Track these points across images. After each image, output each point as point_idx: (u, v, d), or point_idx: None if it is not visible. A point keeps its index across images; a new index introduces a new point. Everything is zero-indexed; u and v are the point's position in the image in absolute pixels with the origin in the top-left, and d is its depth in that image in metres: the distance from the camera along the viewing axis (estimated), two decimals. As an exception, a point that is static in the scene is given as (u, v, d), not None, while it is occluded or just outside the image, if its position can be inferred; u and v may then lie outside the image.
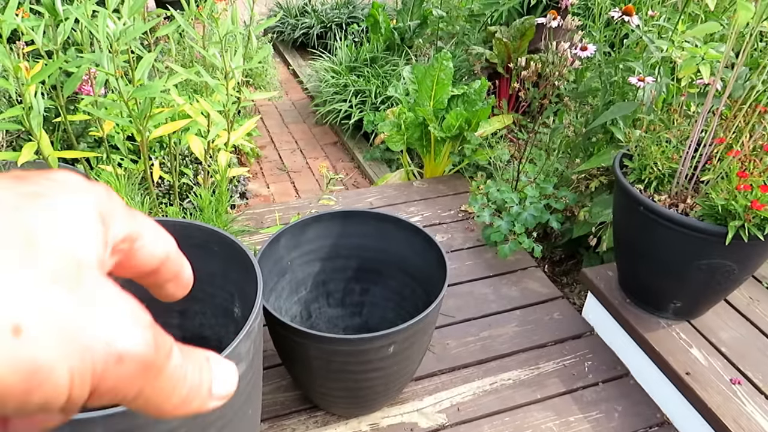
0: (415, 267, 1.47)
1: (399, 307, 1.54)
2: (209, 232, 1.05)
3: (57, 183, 0.20)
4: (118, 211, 0.22)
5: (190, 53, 2.62)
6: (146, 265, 0.24)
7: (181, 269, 0.26)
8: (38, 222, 0.18)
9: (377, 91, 3.03)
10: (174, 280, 0.26)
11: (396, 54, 3.36)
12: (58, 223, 0.19)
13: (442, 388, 1.52)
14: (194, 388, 0.22)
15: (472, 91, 2.40)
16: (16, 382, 0.16)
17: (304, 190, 2.71)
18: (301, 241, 1.47)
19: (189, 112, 1.47)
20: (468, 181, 2.40)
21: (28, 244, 0.18)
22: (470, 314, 1.75)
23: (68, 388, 0.17)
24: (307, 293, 1.54)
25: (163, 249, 0.24)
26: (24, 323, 0.16)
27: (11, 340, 0.16)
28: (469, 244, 2.04)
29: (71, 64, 1.25)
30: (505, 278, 1.89)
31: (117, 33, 1.13)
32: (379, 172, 2.78)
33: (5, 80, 1.24)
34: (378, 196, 2.29)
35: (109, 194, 0.22)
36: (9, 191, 0.19)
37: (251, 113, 3.20)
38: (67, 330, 0.17)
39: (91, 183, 0.21)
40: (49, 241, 0.18)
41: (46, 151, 1.32)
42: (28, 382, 0.16)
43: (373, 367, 1.22)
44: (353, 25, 3.92)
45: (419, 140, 2.47)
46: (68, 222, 0.19)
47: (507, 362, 1.61)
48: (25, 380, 0.16)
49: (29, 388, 0.17)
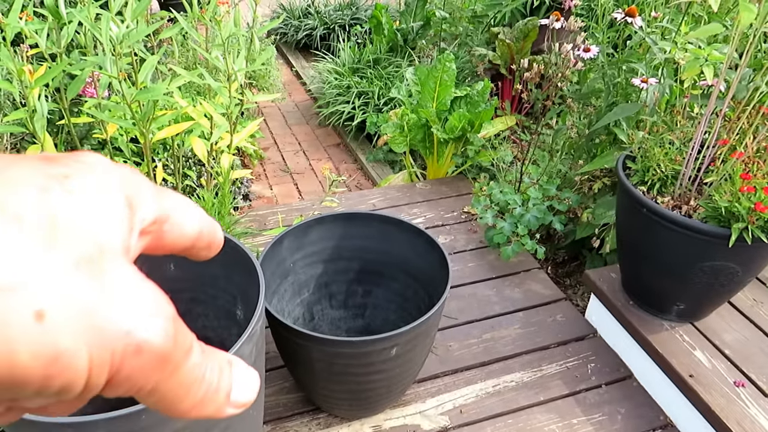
0: (418, 269, 1.47)
1: (401, 309, 1.54)
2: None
3: (85, 165, 0.20)
4: (146, 193, 0.21)
5: (194, 55, 2.62)
6: (178, 243, 0.23)
7: (213, 239, 0.25)
8: (64, 205, 0.18)
9: (380, 93, 3.03)
10: (207, 249, 0.25)
11: (399, 55, 3.36)
12: (84, 206, 0.18)
13: (444, 390, 1.52)
14: (211, 391, 0.21)
15: (475, 92, 2.40)
16: (37, 367, 0.16)
17: (307, 192, 2.71)
18: (304, 243, 1.47)
19: (192, 115, 1.47)
20: (471, 183, 2.40)
21: (53, 227, 0.17)
22: (473, 316, 1.75)
23: (86, 376, 0.17)
24: (309, 295, 1.54)
25: (195, 226, 0.24)
26: (46, 309, 0.16)
27: (34, 325, 0.16)
28: (471, 245, 2.04)
29: (75, 67, 1.26)
30: (507, 280, 1.89)
31: (120, 36, 1.13)
32: (382, 173, 2.79)
33: (9, 83, 1.24)
34: (381, 197, 2.29)
35: (135, 176, 0.21)
36: (37, 172, 0.18)
37: (254, 115, 3.20)
38: (88, 317, 0.17)
39: (118, 165, 0.21)
40: (74, 224, 0.18)
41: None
42: (48, 367, 0.16)
43: (376, 369, 1.22)
44: (356, 27, 3.92)
45: (422, 142, 2.47)
46: (94, 206, 0.19)
47: (510, 364, 1.60)
48: (46, 366, 0.16)
49: (50, 374, 0.17)
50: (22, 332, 0.16)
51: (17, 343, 0.16)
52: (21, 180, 0.18)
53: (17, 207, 0.17)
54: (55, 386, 0.17)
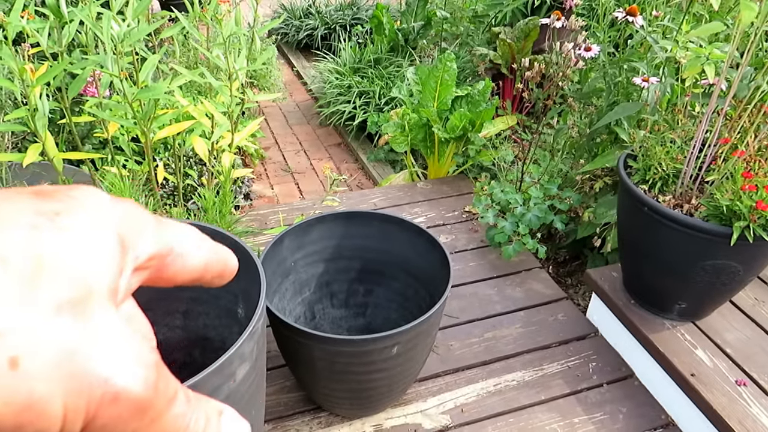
0: (419, 268, 1.47)
1: (402, 308, 1.54)
2: (213, 232, 1.06)
3: (77, 201, 0.19)
4: (144, 229, 0.21)
5: (194, 55, 2.62)
6: (183, 275, 0.23)
7: (225, 267, 0.25)
8: (52, 244, 0.17)
9: (381, 93, 3.03)
10: (219, 278, 0.25)
11: (400, 55, 3.36)
12: (72, 245, 0.18)
13: (446, 390, 1.52)
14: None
15: (476, 92, 2.40)
16: (10, 415, 0.16)
17: (308, 191, 2.71)
18: (305, 242, 1.47)
19: (193, 114, 1.47)
20: (472, 182, 2.40)
21: (38, 268, 0.17)
22: (474, 315, 1.75)
23: (61, 423, 0.17)
24: (311, 294, 1.54)
25: (201, 258, 0.23)
26: (21, 355, 0.16)
27: (7, 373, 0.16)
28: (473, 245, 2.04)
29: (76, 66, 1.26)
30: (509, 279, 1.89)
31: (121, 35, 1.14)
32: (383, 173, 2.78)
33: (11, 82, 1.24)
34: (382, 197, 2.29)
35: (134, 211, 0.21)
36: (28, 208, 0.18)
37: (255, 114, 3.21)
38: (66, 362, 0.17)
39: (115, 201, 0.20)
40: (60, 265, 0.17)
41: (51, 153, 1.33)
42: (21, 415, 0.16)
43: (377, 368, 1.22)
44: (357, 27, 3.93)
45: (423, 141, 2.47)
46: (83, 245, 0.18)
47: (511, 363, 1.60)
48: (19, 413, 0.16)
49: (22, 422, 0.16)
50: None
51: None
52: (10, 218, 0.17)
53: (4, 248, 0.17)
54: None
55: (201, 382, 0.77)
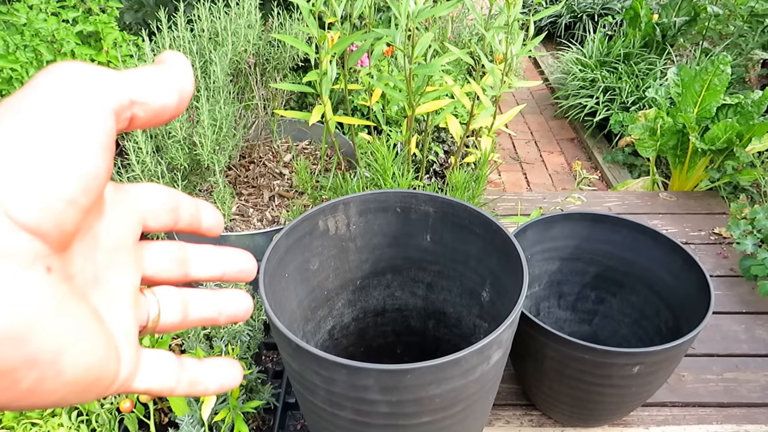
0: (666, 287, 1.35)
1: (636, 325, 1.43)
2: (474, 213, 1.07)
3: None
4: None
5: (458, 36, 2.67)
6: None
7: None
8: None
9: (629, 90, 2.83)
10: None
11: (654, 52, 3.10)
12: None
13: (672, 422, 1.39)
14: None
15: (749, 101, 2.13)
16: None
17: (535, 183, 2.65)
18: (545, 237, 1.43)
19: (455, 93, 1.50)
20: (724, 202, 2.15)
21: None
22: (714, 350, 1.57)
23: None
24: (539, 290, 1.50)
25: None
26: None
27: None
28: (719, 271, 1.83)
29: (365, 36, 1.35)
30: (761, 319, 1.66)
31: (416, 12, 1.18)
32: (619, 176, 2.61)
33: (308, 46, 1.37)
34: (618, 202, 2.15)
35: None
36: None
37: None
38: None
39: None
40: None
41: (328, 115, 1.45)
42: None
43: (611, 383, 1.15)
44: (607, 17, 3.70)
45: (673, 149, 2.26)
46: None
47: (754, 413, 1.41)
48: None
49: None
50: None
51: None
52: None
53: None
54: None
55: (463, 360, 0.78)
